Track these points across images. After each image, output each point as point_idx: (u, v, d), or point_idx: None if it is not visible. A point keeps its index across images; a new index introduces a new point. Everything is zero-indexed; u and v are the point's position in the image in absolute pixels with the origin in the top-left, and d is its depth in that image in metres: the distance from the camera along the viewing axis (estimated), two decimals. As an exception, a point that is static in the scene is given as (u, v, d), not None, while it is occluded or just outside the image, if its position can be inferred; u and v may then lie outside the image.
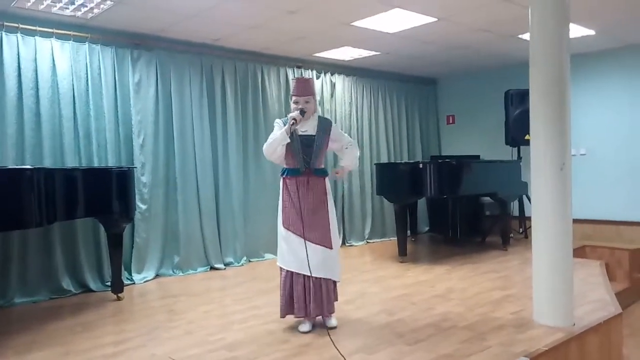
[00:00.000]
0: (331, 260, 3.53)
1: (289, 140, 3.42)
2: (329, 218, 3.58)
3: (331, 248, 3.52)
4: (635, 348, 4.60)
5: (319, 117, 3.70)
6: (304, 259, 3.37)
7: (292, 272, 3.49)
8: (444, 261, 6.02)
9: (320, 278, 3.47)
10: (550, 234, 3.43)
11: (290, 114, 3.50)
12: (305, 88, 3.60)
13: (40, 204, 3.56)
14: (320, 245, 3.48)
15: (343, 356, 3.00)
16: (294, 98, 3.59)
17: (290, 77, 6.78)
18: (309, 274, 3.42)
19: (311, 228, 3.46)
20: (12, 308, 4.43)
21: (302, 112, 3.50)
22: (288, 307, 3.52)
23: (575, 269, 3.61)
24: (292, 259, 3.47)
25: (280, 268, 3.56)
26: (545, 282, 3.47)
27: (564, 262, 3.43)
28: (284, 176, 3.60)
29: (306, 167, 3.54)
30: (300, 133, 3.53)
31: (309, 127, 3.58)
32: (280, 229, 3.57)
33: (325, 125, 3.66)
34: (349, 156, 3.76)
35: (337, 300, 3.71)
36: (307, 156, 3.55)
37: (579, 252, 6.24)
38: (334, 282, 3.65)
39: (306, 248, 3.38)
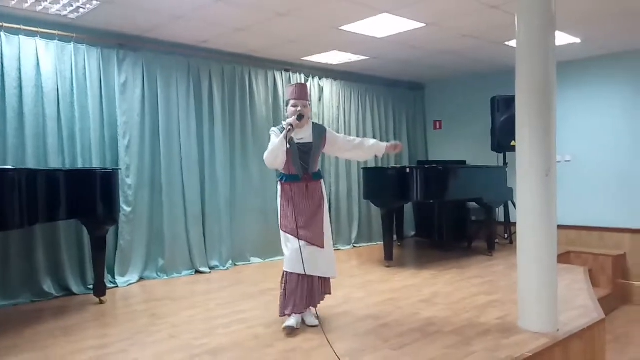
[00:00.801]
0: (325, 259, 3.62)
1: (287, 147, 3.43)
2: (324, 220, 3.66)
3: (323, 247, 3.60)
4: (618, 354, 4.64)
5: (312, 123, 3.73)
6: (299, 258, 3.43)
7: (291, 273, 3.55)
8: (430, 266, 6.03)
9: (312, 275, 3.57)
10: (535, 239, 3.45)
11: (287, 120, 3.53)
12: (303, 92, 3.66)
13: (22, 205, 3.51)
14: (314, 245, 3.56)
15: (338, 357, 2.99)
16: (292, 102, 3.60)
17: (279, 80, 6.77)
18: (304, 273, 3.48)
19: (307, 230, 3.55)
20: (-9, 311, 4.36)
21: (300, 116, 3.52)
22: (287, 305, 3.56)
23: (559, 274, 3.63)
24: (292, 260, 3.53)
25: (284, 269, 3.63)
26: (530, 288, 3.49)
27: (548, 268, 3.45)
28: (282, 182, 3.64)
29: (305, 173, 3.60)
30: (296, 141, 3.57)
31: (304, 135, 3.63)
32: (281, 232, 3.64)
33: (320, 131, 3.73)
34: (369, 142, 3.87)
35: (330, 294, 3.80)
36: (305, 163, 3.61)
37: (564, 258, 6.29)
38: (327, 278, 3.74)
39: (300, 248, 3.44)
